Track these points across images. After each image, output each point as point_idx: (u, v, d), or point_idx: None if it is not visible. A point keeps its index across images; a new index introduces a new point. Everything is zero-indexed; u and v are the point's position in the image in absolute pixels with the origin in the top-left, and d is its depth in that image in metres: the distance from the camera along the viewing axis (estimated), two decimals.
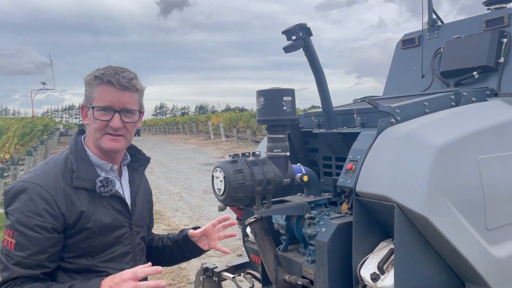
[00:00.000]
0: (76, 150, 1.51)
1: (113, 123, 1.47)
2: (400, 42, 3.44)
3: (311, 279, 2.17)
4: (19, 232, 1.33)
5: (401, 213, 1.83)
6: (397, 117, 2.15)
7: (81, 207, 1.43)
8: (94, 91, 1.48)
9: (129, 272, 1.34)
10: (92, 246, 1.45)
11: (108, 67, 1.51)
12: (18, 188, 1.38)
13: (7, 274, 1.32)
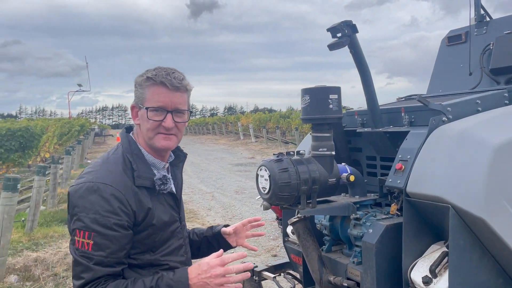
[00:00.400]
0: (131, 149, 1.53)
1: (166, 123, 1.50)
2: (446, 39, 3.32)
3: (357, 281, 2.12)
4: (97, 232, 1.34)
5: (456, 215, 1.76)
6: (448, 116, 2.07)
7: (148, 204, 1.46)
8: (147, 92, 1.50)
9: (217, 259, 1.38)
10: (154, 241, 1.48)
11: (159, 68, 1.53)
12: (88, 189, 1.38)
13: (89, 274, 1.33)
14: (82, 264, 1.35)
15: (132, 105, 1.56)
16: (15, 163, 9.00)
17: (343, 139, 2.65)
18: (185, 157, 1.78)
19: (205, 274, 1.35)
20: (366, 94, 2.33)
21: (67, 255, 5.49)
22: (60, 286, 4.49)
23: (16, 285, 4.47)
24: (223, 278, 1.35)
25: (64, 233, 6.59)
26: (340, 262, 2.26)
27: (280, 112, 32.05)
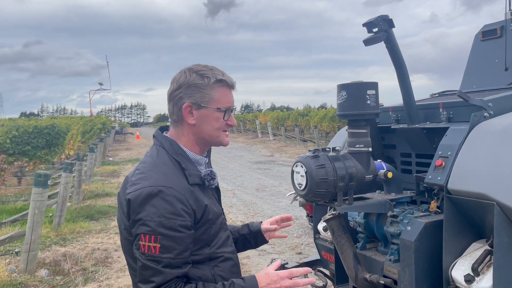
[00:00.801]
0: (175, 150, 1.53)
1: (232, 121, 1.57)
2: (480, 34, 3.25)
3: (394, 279, 2.09)
4: (163, 235, 1.34)
5: (502, 212, 1.72)
6: (489, 111, 2.03)
7: (204, 201, 1.47)
8: (215, 93, 1.51)
9: (286, 272, 1.44)
10: (210, 235, 1.49)
11: (215, 68, 1.55)
12: (149, 194, 1.38)
13: (160, 278, 1.34)
14: (151, 268, 1.35)
15: (187, 105, 1.51)
16: (41, 160, 9.21)
17: (376, 136, 2.62)
18: (211, 149, 1.79)
19: (274, 284, 1.41)
20: (402, 90, 2.30)
21: (94, 250, 5.60)
22: (89, 280, 4.57)
23: (46, 279, 4.57)
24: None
25: (90, 228, 6.72)
26: (376, 260, 2.23)
27: (298, 110, 31.91)
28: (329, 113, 22.07)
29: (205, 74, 1.50)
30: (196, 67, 1.55)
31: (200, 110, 1.50)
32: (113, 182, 11.37)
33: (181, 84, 1.51)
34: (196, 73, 1.50)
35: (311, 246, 5.51)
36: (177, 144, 1.55)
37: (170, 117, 1.58)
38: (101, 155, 15.63)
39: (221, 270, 1.50)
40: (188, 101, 1.50)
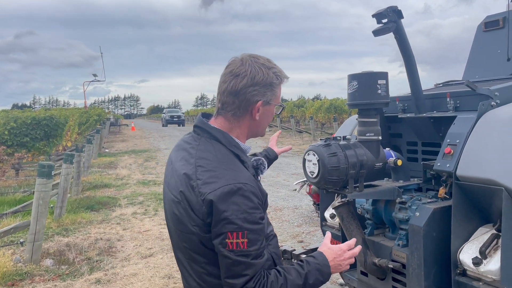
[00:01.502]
0: (229, 142, 1.52)
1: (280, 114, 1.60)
2: (482, 24, 3.30)
3: (403, 263, 2.17)
4: (249, 230, 1.38)
5: (509, 197, 1.79)
6: (496, 100, 2.09)
7: (265, 191, 1.52)
8: (278, 89, 1.55)
9: (345, 245, 1.58)
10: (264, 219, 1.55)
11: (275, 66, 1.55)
12: (229, 192, 1.39)
13: (252, 270, 1.39)
14: (242, 263, 1.39)
15: (261, 102, 1.51)
16: (40, 151, 9.19)
17: (383, 125, 2.67)
18: None
19: (339, 258, 1.55)
20: (410, 80, 2.35)
21: (97, 240, 5.64)
22: (95, 269, 4.62)
23: (52, 269, 4.61)
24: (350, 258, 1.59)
25: (91, 219, 6.76)
26: (385, 245, 2.30)
27: (293, 101, 31.92)
28: (324, 104, 22.14)
29: (278, 73, 1.52)
30: (267, 62, 1.53)
31: (265, 107, 1.51)
32: (111, 174, 11.38)
33: (258, 82, 1.49)
34: (270, 70, 1.51)
35: (311, 234, 5.59)
36: (231, 136, 1.53)
37: (226, 108, 1.52)
38: (97, 146, 15.59)
39: (273, 248, 1.57)
40: (262, 99, 1.49)
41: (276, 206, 7.34)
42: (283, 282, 1.40)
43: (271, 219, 6.48)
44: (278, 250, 1.60)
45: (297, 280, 1.42)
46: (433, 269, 2.06)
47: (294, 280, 1.42)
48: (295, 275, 1.43)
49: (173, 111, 45.39)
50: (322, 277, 1.48)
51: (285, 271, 1.44)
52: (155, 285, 4.15)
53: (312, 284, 1.45)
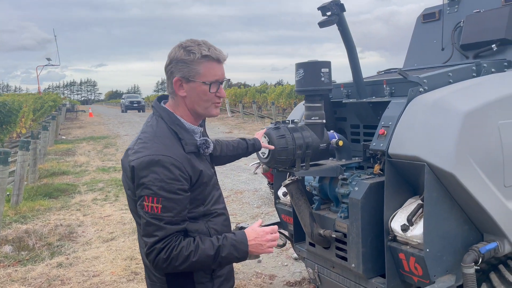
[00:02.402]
0: (172, 121, 1.69)
1: (221, 93, 1.71)
2: (421, 16, 3.59)
3: (344, 233, 2.42)
4: (164, 197, 1.54)
5: (431, 171, 2.06)
6: (424, 87, 2.35)
7: (199, 167, 1.67)
8: (202, 67, 1.65)
9: (269, 228, 1.72)
10: (204, 195, 1.71)
11: (203, 44, 1.67)
12: (150, 162, 1.56)
13: (162, 232, 1.55)
14: (154, 224, 1.56)
15: (178, 79, 1.66)
16: None
17: (330, 110, 2.91)
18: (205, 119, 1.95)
19: (261, 238, 1.68)
20: (352, 68, 2.58)
21: (57, 226, 5.64)
22: (56, 254, 4.66)
23: (12, 255, 4.61)
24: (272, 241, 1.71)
25: (50, 206, 6.70)
26: (329, 217, 2.55)
27: (255, 87, 32.08)
28: (286, 90, 22.45)
29: (192, 49, 1.63)
30: (186, 42, 1.67)
31: (189, 84, 1.65)
32: (69, 161, 11.16)
33: (172, 60, 1.66)
34: (184, 49, 1.65)
35: (270, 215, 5.86)
36: (174, 115, 1.70)
37: (167, 89, 1.73)
38: (53, 133, 15.14)
39: (214, 224, 1.73)
40: (177, 75, 1.65)
41: (237, 190, 7.55)
42: (193, 249, 1.55)
43: (232, 202, 6.70)
44: (221, 228, 1.73)
45: (209, 251, 1.57)
46: (370, 237, 2.33)
47: (205, 249, 1.57)
48: (208, 245, 1.58)
49: (132, 96, 44.34)
50: (237, 253, 1.62)
51: (200, 240, 1.59)
52: (118, 267, 4.26)
53: (225, 257, 1.60)
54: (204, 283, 1.69)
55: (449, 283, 2.11)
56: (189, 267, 1.57)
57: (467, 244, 2.20)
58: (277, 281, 3.88)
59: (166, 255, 1.53)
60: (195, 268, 1.60)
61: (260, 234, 1.68)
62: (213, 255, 1.58)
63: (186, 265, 1.56)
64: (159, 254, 1.54)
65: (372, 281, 2.34)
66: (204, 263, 1.58)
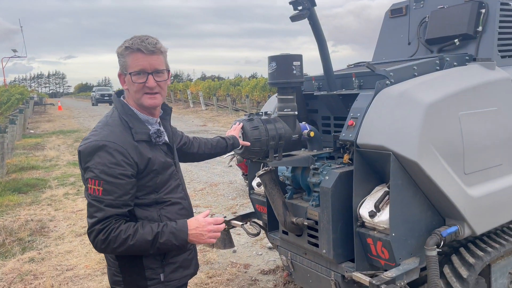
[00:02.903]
0: (125, 111, 1.78)
1: (148, 83, 1.74)
2: (389, 11, 3.71)
3: (316, 220, 2.52)
4: (105, 181, 1.62)
5: (396, 160, 2.17)
6: (391, 79, 2.46)
7: (148, 155, 1.74)
8: (127, 59, 1.73)
9: (212, 218, 1.77)
10: (156, 183, 1.77)
11: (134, 37, 1.75)
12: (95, 147, 1.64)
13: (101, 214, 1.62)
14: (94, 206, 1.63)
15: (119, 73, 1.80)
16: None
17: (301, 102, 2.99)
18: (171, 110, 2.03)
19: (202, 228, 1.73)
20: (323, 61, 2.66)
21: (28, 221, 5.53)
22: (27, 249, 4.59)
23: None
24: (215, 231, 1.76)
25: (20, 201, 6.54)
26: (301, 206, 2.64)
27: (229, 79, 31.99)
28: (260, 82, 22.50)
29: (123, 44, 1.72)
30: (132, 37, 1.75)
31: (126, 77, 1.75)
32: (38, 155, 10.88)
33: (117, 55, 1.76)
34: (122, 44, 1.74)
35: (245, 206, 5.94)
36: (128, 106, 1.79)
37: None
38: (21, 127, 14.68)
39: (167, 212, 1.79)
40: (119, 70, 1.76)
41: (212, 182, 7.58)
42: (131, 233, 1.61)
43: (207, 194, 6.74)
44: (175, 217, 1.78)
45: (147, 236, 1.63)
46: (340, 224, 2.43)
47: (144, 234, 1.63)
48: (147, 230, 1.64)
49: (103, 89, 43.36)
50: (175, 241, 1.68)
51: (141, 225, 1.65)
52: (92, 260, 4.25)
53: (163, 243, 1.65)
54: (154, 269, 1.75)
55: (413, 265, 2.24)
56: (128, 250, 1.62)
57: (430, 228, 2.34)
58: (252, 269, 3.97)
59: (104, 236, 1.59)
60: (134, 251, 1.65)
61: (202, 224, 1.73)
62: (151, 240, 1.63)
63: (124, 248, 1.61)
64: (98, 235, 1.60)
65: (342, 265, 2.45)
66: (142, 247, 1.64)
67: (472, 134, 2.36)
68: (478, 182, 2.40)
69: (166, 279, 1.78)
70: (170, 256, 1.79)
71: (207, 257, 4.27)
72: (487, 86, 2.53)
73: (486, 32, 2.99)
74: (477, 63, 2.69)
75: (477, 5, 3.04)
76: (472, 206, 2.34)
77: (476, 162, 2.39)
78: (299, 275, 2.85)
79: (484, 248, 2.57)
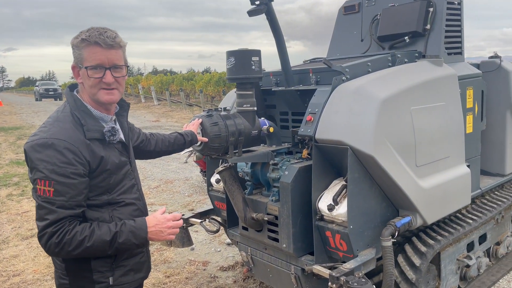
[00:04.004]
0: (77, 107, 1.68)
1: (106, 79, 1.65)
2: (342, 9, 3.79)
3: (276, 215, 2.53)
4: (56, 181, 1.52)
5: (353, 154, 2.23)
6: (347, 75, 2.51)
7: (100, 153, 1.65)
8: (83, 52, 1.63)
9: (170, 215, 1.73)
10: (109, 184, 1.69)
11: (91, 29, 1.66)
12: (43, 144, 1.53)
13: (54, 216, 1.52)
14: (45, 208, 1.53)
15: (73, 66, 1.69)
16: None
17: (260, 97, 2.99)
18: (129, 107, 1.94)
19: (161, 225, 1.69)
20: (281, 57, 2.67)
21: None
22: None
23: None
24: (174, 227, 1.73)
25: None
26: (261, 201, 2.65)
27: (182, 74, 31.45)
28: (214, 77, 22.31)
29: (79, 35, 1.63)
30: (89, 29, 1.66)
31: (81, 70, 1.65)
32: None
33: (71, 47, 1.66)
34: (77, 35, 1.64)
35: (202, 203, 5.87)
36: (81, 101, 1.69)
37: None
38: None
39: (120, 213, 1.71)
40: (73, 62, 1.66)
41: (167, 179, 7.43)
42: (88, 234, 1.55)
43: (162, 192, 6.59)
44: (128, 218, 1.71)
45: (105, 236, 1.58)
46: (299, 218, 2.46)
47: (101, 235, 1.57)
48: (104, 231, 1.59)
49: (48, 83, 41.11)
50: (135, 239, 1.64)
51: (97, 226, 1.60)
52: (40, 264, 4.03)
53: (122, 243, 1.61)
54: (102, 272, 1.68)
55: (370, 256, 2.32)
56: (84, 252, 1.56)
57: (385, 219, 2.43)
58: (211, 266, 3.94)
59: (58, 239, 1.52)
60: (91, 253, 1.59)
61: (161, 221, 1.70)
62: (109, 240, 1.58)
63: (80, 250, 1.55)
64: (51, 238, 1.52)
65: (301, 259, 2.48)
66: (99, 248, 1.58)
67: (422, 128, 2.47)
68: (429, 174, 2.52)
69: (116, 283, 1.71)
70: (121, 258, 1.72)
71: (165, 256, 4.19)
72: (436, 82, 2.65)
73: (434, 30, 3.13)
74: (426, 60, 2.82)
75: (425, 3, 3.18)
76: (423, 197, 2.45)
77: (427, 155, 2.50)
78: (259, 270, 2.86)
79: (434, 237, 2.71)
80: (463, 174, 2.78)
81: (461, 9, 3.26)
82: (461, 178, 2.77)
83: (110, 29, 1.69)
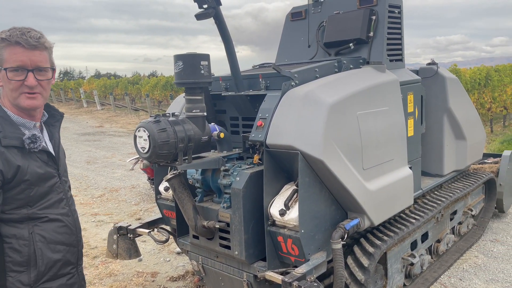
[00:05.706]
0: None
1: (28, 82, 1.53)
2: (289, 15, 3.84)
3: (227, 222, 2.49)
4: None
5: (303, 159, 2.25)
6: (296, 81, 2.54)
7: (17, 162, 1.50)
8: (3, 53, 1.51)
9: None
10: (30, 196, 1.53)
11: (13, 29, 1.53)
12: None
13: None
14: None
15: None
16: None
17: (209, 102, 2.94)
18: (62, 117, 1.82)
19: None
20: (230, 62, 2.64)
21: None
22: None
23: None
24: None
25: None
26: (212, 209, 2.59)
27: (127, 78, 30.49)
28: (160, 81, 21.84)
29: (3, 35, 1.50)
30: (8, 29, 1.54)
31: (0, 72, 1.53)
32: None
33: None
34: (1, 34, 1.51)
35: (149, 211, 5.69)
36: (0, 107, 1.57)
37: None
38: None
39: (43, 230, 1.57)
40: None
41: (112, 187, 7.13)
42: None
43: (107, 201, 6.31)
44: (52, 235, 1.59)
45: None
46: (251, 224, 2.44)
47: None
48: None
49: None
50: None
51: None
52: None
53: None
54: None
55: (321, 259, 2.34)
56: None
57: (335, 222, 2.47)
58: (160, 277, 3.81)
59: None
60: None
61: None
62: None
63: None
64: None
65: (254, 265, 2.46)
66: None
67: (368, 132, 2.55)
68: (375, 176, 2.60)
69: None
70: (42, 280, 1.56)
71: (110, 268, 3.99)
72: (379, 87, 2.75)
73: (376, 37, 3.26)
74: (370, 66, 2.92)
75: (368, 11, 3.29)
76: (370, 199, 2.53)
77: (373, 158, 2.58)
78: (210, 279, 2.80)
79: (381, 237, 2.80)
80: (406, 175, 2.90)
81: (401, 18, 3.42)
82: (405, 179, 2.89)
83: (34, 29, 1.56)
